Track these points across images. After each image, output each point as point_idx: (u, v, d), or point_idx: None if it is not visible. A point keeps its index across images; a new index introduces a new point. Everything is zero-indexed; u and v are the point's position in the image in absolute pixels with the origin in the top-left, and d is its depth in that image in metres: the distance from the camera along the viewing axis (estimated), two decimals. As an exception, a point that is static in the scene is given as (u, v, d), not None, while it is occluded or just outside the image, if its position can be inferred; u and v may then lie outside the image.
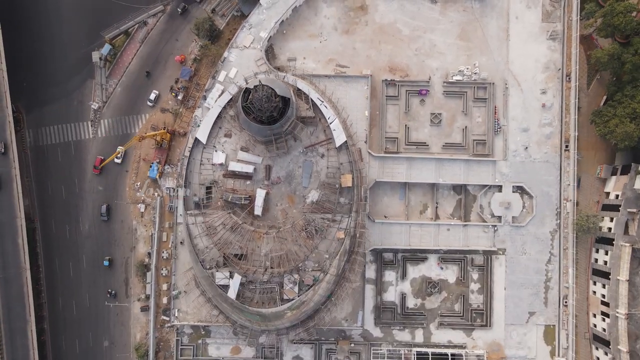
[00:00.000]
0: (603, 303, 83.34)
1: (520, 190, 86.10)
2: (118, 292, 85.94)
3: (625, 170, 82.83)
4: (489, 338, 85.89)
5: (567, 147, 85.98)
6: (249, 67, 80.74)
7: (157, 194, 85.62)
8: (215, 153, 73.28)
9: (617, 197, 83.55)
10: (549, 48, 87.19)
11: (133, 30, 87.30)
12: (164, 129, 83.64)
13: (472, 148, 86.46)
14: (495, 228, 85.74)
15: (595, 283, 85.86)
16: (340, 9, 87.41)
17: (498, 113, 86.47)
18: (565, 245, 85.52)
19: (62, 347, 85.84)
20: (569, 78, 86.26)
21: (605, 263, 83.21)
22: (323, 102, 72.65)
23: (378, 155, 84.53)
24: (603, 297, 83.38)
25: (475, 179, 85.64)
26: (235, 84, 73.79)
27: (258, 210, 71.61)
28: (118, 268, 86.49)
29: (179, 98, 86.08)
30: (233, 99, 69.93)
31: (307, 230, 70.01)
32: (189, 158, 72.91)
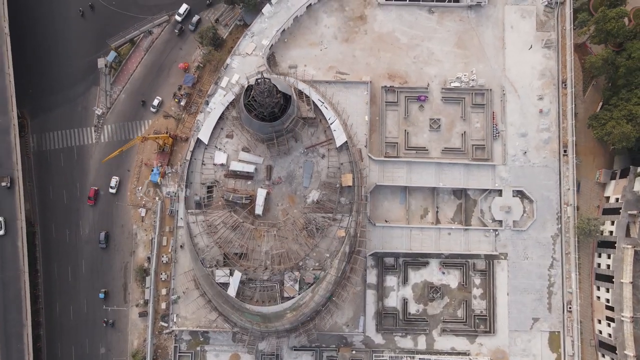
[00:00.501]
0: (608, 308, 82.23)
1: (521, 195, 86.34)
2: (116, 295, 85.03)
3: (624, 174, 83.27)
4: (493, 345, 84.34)
5: (565, 152, 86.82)
6: (251, 73, 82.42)
7: (158, 198, 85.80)
8: (217, 153, 73.81)
9: (617, 200, 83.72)
10: (544, 56, 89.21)
11: (138, 39, 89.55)
12: (166, 133, 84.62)
13: (471, 153, 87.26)
14: (497, 232, 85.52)
15: (599, 288, 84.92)
16: (340, 19, 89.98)
17: (496, 118, 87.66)
18: (567, 250, 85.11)
19: (58, 354, 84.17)
20: (565, 85, 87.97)
21: (608, 267, 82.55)
22: (323, 103, 73.69)
23: (378, 159, 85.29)
24: (607, 301, 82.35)
25: (475, 183, 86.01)
26: (238, 83, 75.14)
27: (259, 210, 71.50)
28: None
29: (182, 104, 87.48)
30: (235, 98, 70.98)
31: (307, 229, 69.79)
32: (191, 158, 73.31)
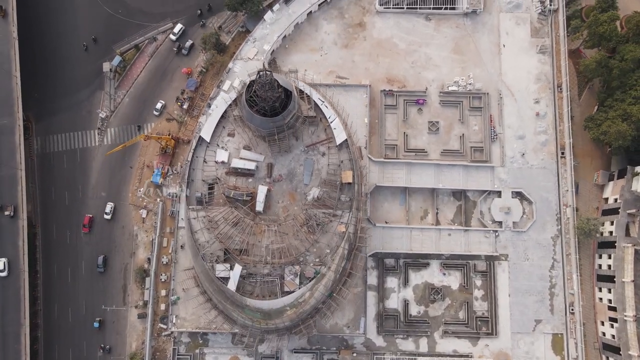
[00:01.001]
0: (610, 309, 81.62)
1: (520, 196, 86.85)
2: (115, 299, 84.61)
3: (622, 175, 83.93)
4: (496, 347, 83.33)
5: (562, 154, 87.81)
6: (253, 77, 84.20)
7: (159, 199, 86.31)
8: (219, 151, 74.75)
9: (615, 201, 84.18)
10: (540, 61, 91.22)
11: (143, 45, 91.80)
12: (169, 135, 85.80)
13: (469, 155, 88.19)
14: (497, 233, 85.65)
15: (601, 289, 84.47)
16: (340, 26, 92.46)
17: (494, 121, 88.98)
18: (568, 251, 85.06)
19: (55, 357, 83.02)
20: (560, 89, 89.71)
21: (609, 267, 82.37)
22: (324, 102, 75.03)
23: (378, 160, 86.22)
24: (610, 302, 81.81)
25: (474, 185, 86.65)
26: (241, 81, 76.77)
27: (259, 206, 71.82)
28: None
29: (184, 107, 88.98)
30: (238, 96, 72.30)
31: (308, 225, 70.04)
32: (193, 156, 74.18)
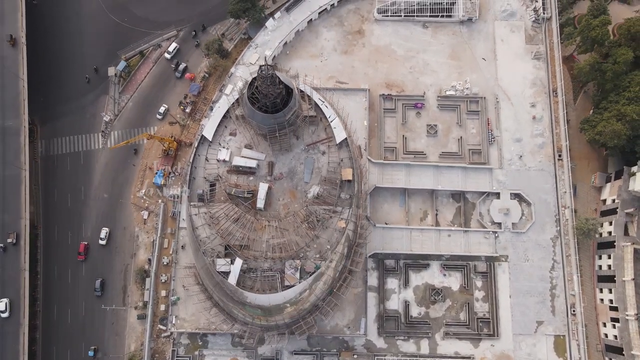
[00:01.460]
0: (612, 309, 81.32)
1: (518, 198, 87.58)
2: (115, 300, 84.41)
3: (619, 176, 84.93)
4: (498, 349, 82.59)
5: (560, 156, 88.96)
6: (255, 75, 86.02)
7: (160, 201, 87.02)
8: (220, 150, 75.85)
9: (613, 201, 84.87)
10: (535, 67, 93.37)
11: (147, 52, 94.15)
12: (172, 137, 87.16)
13: (468, 157, 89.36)
14: (496, 234, 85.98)
15: (602, 290, 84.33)
16: (339, 33, 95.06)
17: (491, 125, 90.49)
18: (568, 252, 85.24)
19: (53, 358, 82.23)
20: (556, 93, 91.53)
21: (609, 267, 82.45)
22: (324, 102, 76.58)
23: (377, 162, 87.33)
24: (611, 302, 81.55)
25: (473, 186, 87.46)
26: (242, 78, 78.53)
27: (260, 203, 72.44)
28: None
29: (187, 111, 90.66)
30: (240, 95, 73.83)
31: (308, 221, 70.57)
32: (195, 154, 75.29)
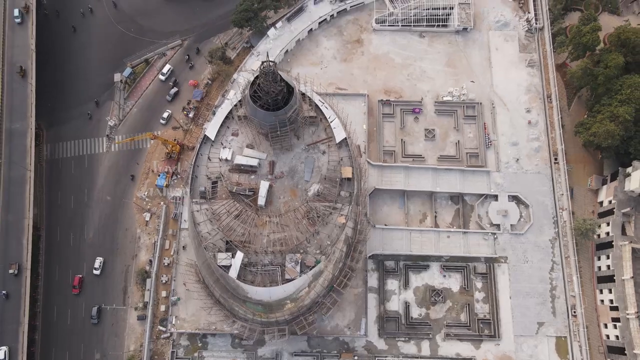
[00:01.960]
0: (612, 309, 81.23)
1: (516, 200, 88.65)
2: (115, 300, 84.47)
3: (614, 178, 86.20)
4: (499, 351, 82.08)
5: (556, 159, 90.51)
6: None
7: (163, 203, 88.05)
8: (223, 149, 77.42)
9: (610, 202, 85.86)
10: (529, 74, 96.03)
11: (152, 60, 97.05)
12: (175, 141, 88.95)
13: (465, 160, 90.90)
14: (495, 236, 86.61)
15: (602, 291, 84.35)
16: (339, 42, 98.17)
17: (488, 129, 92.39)
18: (567, 254, 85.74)
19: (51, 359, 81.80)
20: (550, 99, 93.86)
21: (609, 267, 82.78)
22: (324, 103, 78.65)
23: (376, 164, 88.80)
24: (611, 302, 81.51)
25: (471, 188, 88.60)
26: (245, 77, 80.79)
27: (261, 200, 73.45)
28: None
29: (190, 116, 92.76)
30: (242, 95, 75.87)
31: (309, 217, 71.46)
32: (197, 153, 76.81)
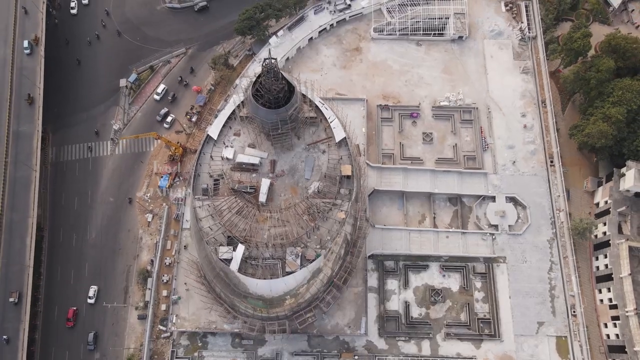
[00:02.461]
0: (611, 307, 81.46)
1: (514, 202, 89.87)
2: (116, 300, 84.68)
3: (609, 179, 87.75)
4: (500, 350, 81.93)
5: (552, 162, 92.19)
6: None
7: (165, 204, 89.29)
8: (225, 149, 79.18)
9: (606, 203, 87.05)
10: (523, 80, 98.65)
11: (157, 67, 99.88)
12: (178, 143, 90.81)
13: (463, 163, 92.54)
14: (494, 236, 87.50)
15: (601, 291, 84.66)
16: (338, 50, 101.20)
17: (484, 132, 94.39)
18: (565, 254, 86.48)
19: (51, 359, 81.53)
20: (545, 104, 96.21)
21: (606, 267, 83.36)
22: (324, 104, 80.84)
23: (375, 166, 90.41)
24: (610, 301, 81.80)
25: (469, 190, 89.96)
26: (247, 77, 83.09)
27: (263, 197, 74.67)
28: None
29: (193, 120, 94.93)
30: (245, 96, 78.06)
31: (309, 213, 72.58)
32: (200, 152, 78.50)
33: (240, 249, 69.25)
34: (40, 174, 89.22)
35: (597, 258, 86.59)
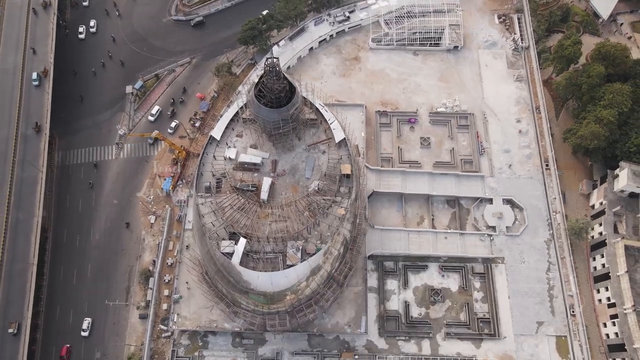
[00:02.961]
0: (610, 306, 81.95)
1: (510, 204, 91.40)
2: (118, 300, 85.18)
3: (604, 181, 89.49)
4: (500, 350, 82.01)
5: (547, 166, 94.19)
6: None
7: (167, 206, 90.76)
8: (227, 149, 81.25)
9: (601, 204, 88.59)
10: (517, 87, 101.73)
11: (162, 75, 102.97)
12: (181, 147, 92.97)
13: (460, 166, 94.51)
14: (491, 237, 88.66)
15: (599, 291, 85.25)
16: (338, 59, 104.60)
17: (481, 137, 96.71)
18: (562, 255, 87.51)
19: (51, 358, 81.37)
20: (539, 110, 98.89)
21: (604, 266, 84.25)
22: (324, 106, 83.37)
23: (374, 168, 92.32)
24: (608, 300, 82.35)
25: (467, 192, 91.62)
26: (250, 85, 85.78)
27: (264, 195, 76.32)
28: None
29: (196, 126, 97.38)
30: (247, 98, 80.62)
31: (310, 209, 74.03)
32: (203, 152, 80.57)
33: (242, 242, 70.39)
34: (47, 177, 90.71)
35: (594, 258, 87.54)
